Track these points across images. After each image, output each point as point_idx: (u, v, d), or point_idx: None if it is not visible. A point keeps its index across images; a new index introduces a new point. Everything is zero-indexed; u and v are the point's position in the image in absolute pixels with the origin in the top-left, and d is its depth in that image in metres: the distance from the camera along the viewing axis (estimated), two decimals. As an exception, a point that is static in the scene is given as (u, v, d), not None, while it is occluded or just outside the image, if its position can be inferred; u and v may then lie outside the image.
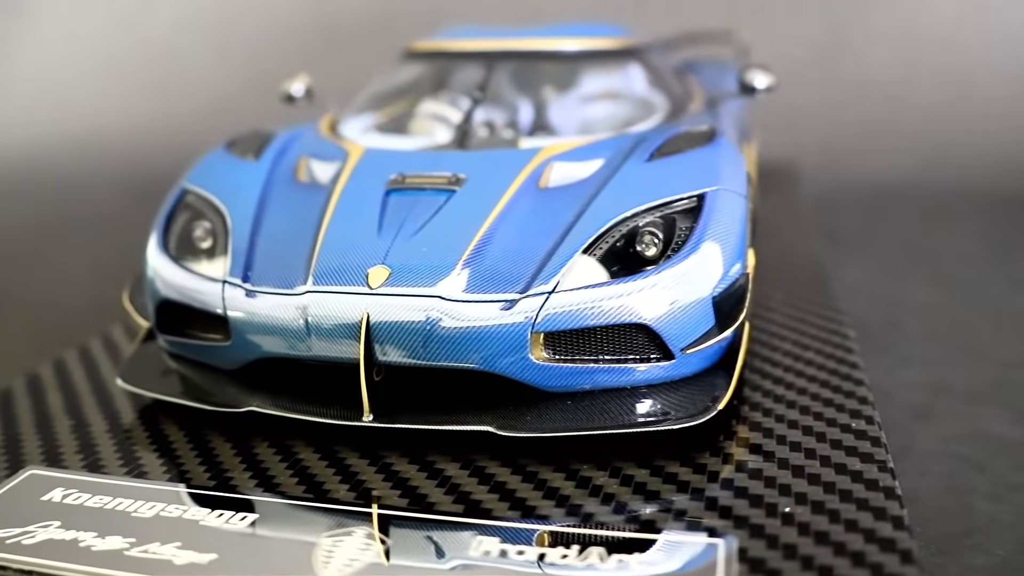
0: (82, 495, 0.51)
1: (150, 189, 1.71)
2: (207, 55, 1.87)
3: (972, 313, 0.86)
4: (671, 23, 1.86)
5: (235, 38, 1.86)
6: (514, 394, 0.55)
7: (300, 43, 1.81)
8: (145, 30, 1.91)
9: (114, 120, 1.84)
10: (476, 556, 0.44)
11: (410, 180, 0.64)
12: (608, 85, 0.81)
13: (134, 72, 1.91)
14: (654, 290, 0.53)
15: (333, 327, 0.54)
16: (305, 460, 0.54)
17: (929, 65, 1.49)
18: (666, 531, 0.45)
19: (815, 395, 0.59)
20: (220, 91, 1.81)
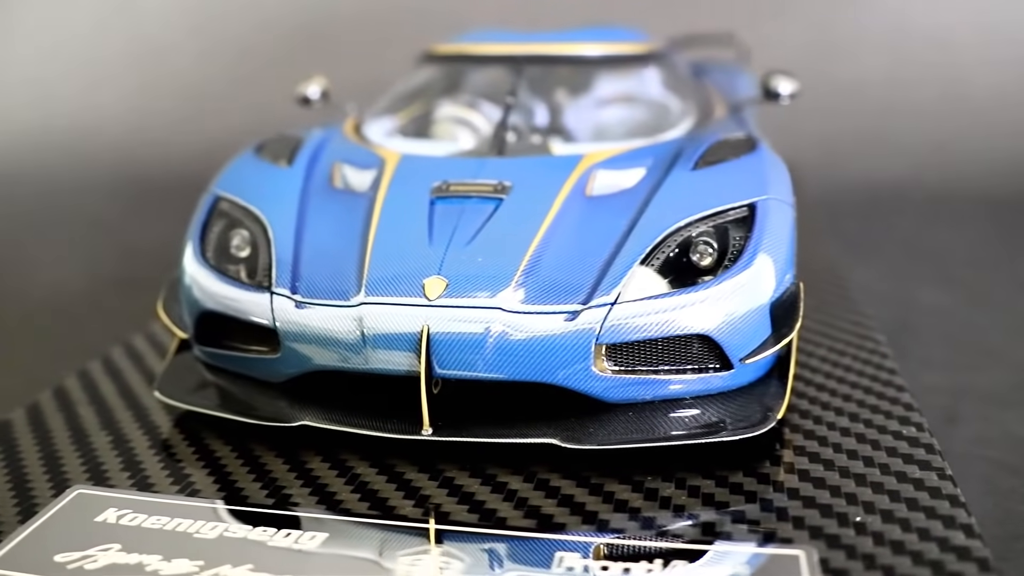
0: (137, 515, 0.50)
1: (140, 189, 1.67)
2: (194, 53, 1.82)
3: (983, 315, 0.88)
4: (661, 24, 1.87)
5: (222, 36, 1.82)
6: (572, 405, 0.55)
7: (288, 42, 1.78)
8: (131, 27, 1.86)
9: (99, 119, 1.78)
10: (560, 572, 0.44)
11: (455, 188, 0.63)
12: (635, 90, 0.81)
13: (120, 69, 1.85)
14: (715, 301, 0.53)
15: (391, 339, 0.53)
16: (363, 475, 0.53)
17: (922, 66, 1.53)
18: (746, 543, 0.46)
19: (860, 401, 0.60)
20: (207, 89, 1.77)
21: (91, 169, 1.63)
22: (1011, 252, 1.09)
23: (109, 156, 1.67)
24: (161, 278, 1.29)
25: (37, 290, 1.11)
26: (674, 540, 0.46)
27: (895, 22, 1.57)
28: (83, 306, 1.04)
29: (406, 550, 0.46)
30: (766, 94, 0.82)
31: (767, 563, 0.44)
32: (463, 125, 0.82)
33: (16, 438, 0.59)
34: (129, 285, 1.12)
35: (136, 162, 1.67)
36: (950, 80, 1.50)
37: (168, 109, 1.77)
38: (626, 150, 0.68)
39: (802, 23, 1.62)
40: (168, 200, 1.60)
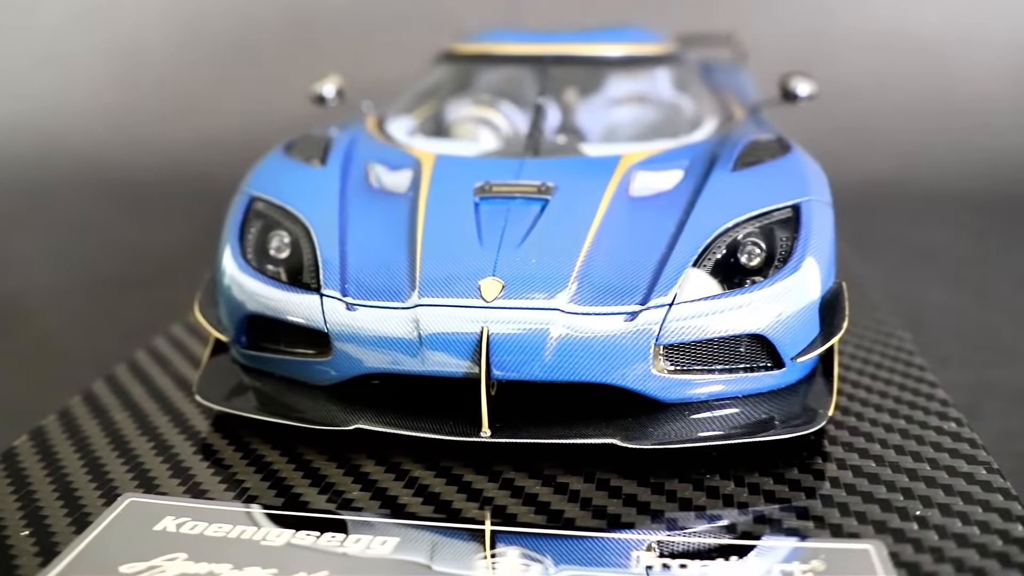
0: (197, 523, 0.49)
1: (126, 188, 1.64)
2: (175, 50, 1.78)
3: (989, 312, 0.91)
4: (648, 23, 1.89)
5: (204, 33, 1.78)
6: (623, 404, 0.55)
7: (273, 38, 1.75)
8: (108, 24, 1.81)
9: (79, 117, 1.73)
10: (640, 572, 0.44)
11: (498, 188, 0.63)
12: (659, 91, 0.82)
13: (98, 67, 1.80)
14: (769, 301, 0.54)
15: (449, 342, 0.53)
16: (422, 478, 0.53)
17: (907, 66, 1.56)
18: (816, 538, 0.46)
19: (897, 398, 0.62)
20: (190, 87, 1.73)
21: (73, 168, 1.59)
22: (1006, 249, 1.12)
23: (91, 155, 1.63)
24: (159, 278, 1.25)
25: (36, 293, 1.08)
26: (744, 537, 0.47)
27: (883, 23, 1.61)
28: (87, 308, 1.01)
29: (481, 553, 0.46)
30: (784, 95, 0.83)
31: (839, 558, 0.45)
32: (484, 125, 0.82)
33: (53, 445, 0.58)
34: (128, 286, 1.09)
35: (120, 161, 1.63)
36: (934, 80, 1.54)
37: (150, 107, 1.73)
38: (662, 151, 0.69)
39: (790, 24, 1.64)
40: (156, 199, 1.57)
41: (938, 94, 1.54)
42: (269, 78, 1.80)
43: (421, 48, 1.78)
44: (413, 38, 1.86)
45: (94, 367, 0.85)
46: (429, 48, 1.79)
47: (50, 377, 0.84)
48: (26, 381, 0.83)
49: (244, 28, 1.80)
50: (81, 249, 1.28)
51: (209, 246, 1.36)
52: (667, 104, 0.83)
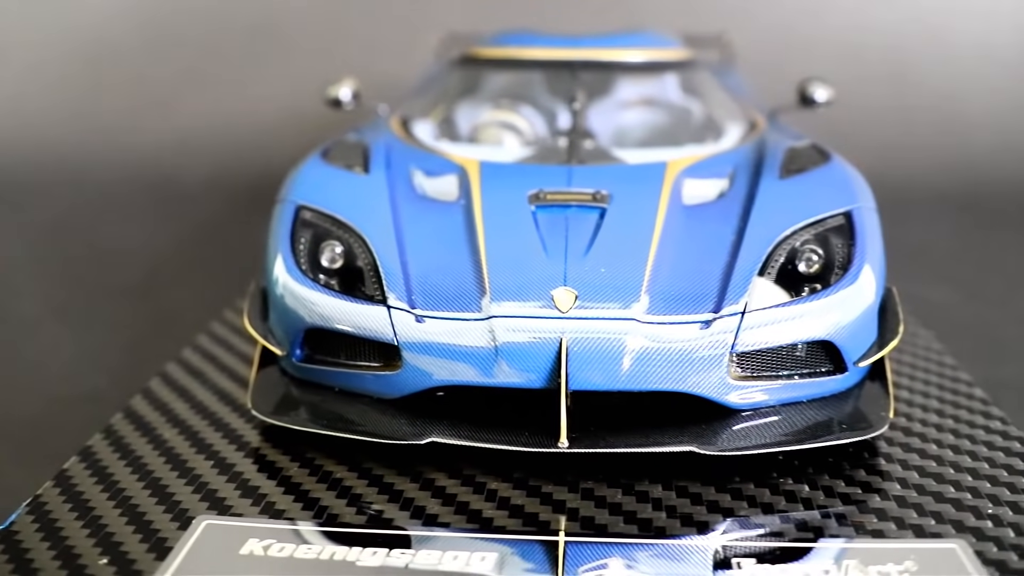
0: (284, 545, 0.47)
1: (90, 190, 1.57)
2: (145, 51, 1.71)
3: (986, 310, 0.95)
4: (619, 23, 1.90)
5: (174, 33, 1.72)
6: (688, 412, 0.56)
7: (245, 39, 1.70)
8: (71, 20, 1.73)
9: (49, 118, 1.65)
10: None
11: (552, 196, 0.63)
12: (686, 96, 0.83)
13: (64, 68, 1.71)
14: (834, 307, 0.56)
15: (526, 353, 0.53)
16: (501, 491, 0.52)
17: (875, 67, 1.61)
18: (902, 539, 0.48)
19: (939, 398, 0.64)
20: (160, 88, 1.67)
21: (38, 169, 1.52)
22: (990, 247, 1.17)
23: (55, 156, 1.56)
24: (150, 284, 1.21)
25: (25, 303, 1.02)
26: (832, 538, 0.48)
27: (851, 22, 1.65)
28: (84, 318, 0.97)
29: (586, 564, 0.46)
30: (802, 100, 0.85)
31: (929, 558, 0.46)
32: (508, 129, 0.81)
33: (107, 466, 0.55)
34: (121, 293, 1.04)
35: (85, 162, 1.56)
36: (901, 79, 1.59)
37: (115, 107, 1.66)
38: (703, 158, 0.70)
39: (760, 23, 1.67)
40: (128, 200, 1.51)
41: (907, 93, 1.59)
42: (239, 77, 1.75)
43: (394, 47, 1.77)
44: (386, 38, 1.84)
45: (109, 378, 0.83)
46: (402, 47, 1.78)
47: (63, 391, 0.80)
48: (37, 398, 0.79)
49: (213, 26, 1.74)
50: (60, 254, 1.22)
51: (194, 249, 1.34)
52: (703, 109, 0.84)
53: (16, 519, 0.50)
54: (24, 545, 0.48)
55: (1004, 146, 1.45)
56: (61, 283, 1.09)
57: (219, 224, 1.36)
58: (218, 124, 1.73)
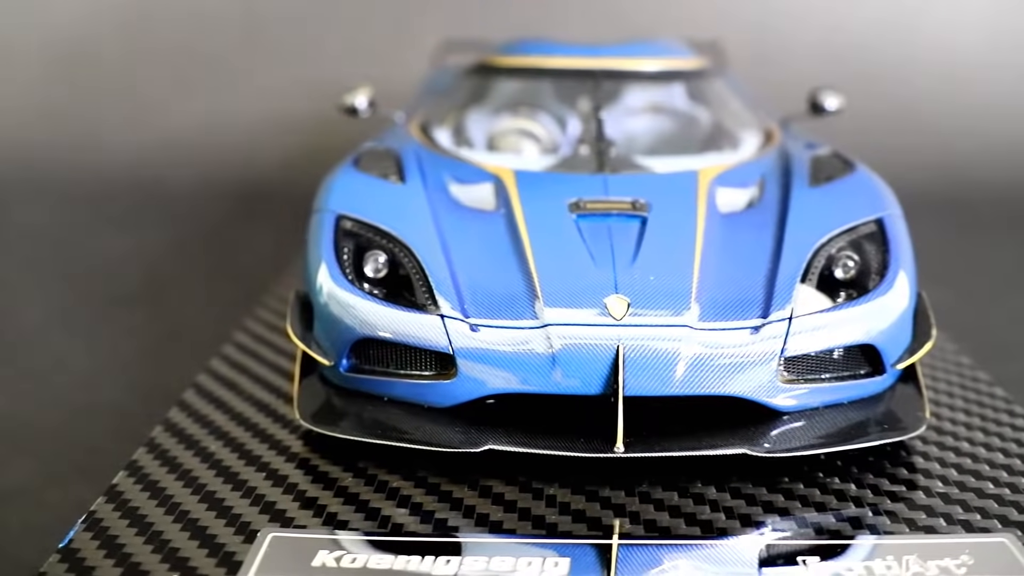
0: (356, 556, 0.47)
1: (74, 195, 1.53)
2: (123, 53, 1.68)
3: (983, 310, 0.98)
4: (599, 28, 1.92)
5: (154, 35, 1.69)
6: (737, 415, 0.57)
7: (225, 40, 1.68)
8: (48, 20, 1.68)
9: (25, 122, 1.61)
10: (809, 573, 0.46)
11: (591, 205, 0.63)
12: (703, 105, 0.84)
13: (40, 70, 1.67)
14: (876, 312, 0.58)
15: (583, 360, 0.53)
16: (560, 496, 0.53)
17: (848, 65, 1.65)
18: (950, 535, 0.50)
19: (963, 397, 0.67)
20: (141, 90, 1.63)
21: (18, 174, 1.48)
22: (976, 247, 1.20)
23: (35, 160, 1.52)
24: (149, 293, 1.19)
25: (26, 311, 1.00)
26: (888, 536, 0.50)
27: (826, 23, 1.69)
28: (88, 329, 0.95)
29: (641, 566, 0.47)
30: (813, 108, 0.87)
31: (981, 552, 0.48)
32: (527, 136, 0.82)
33: (157, 480, 0.54)
34: (120, 302, 1.03)
35: (66, 166, 1.53)
36: (877, 80, 1.64)
37: (95, 109, 1.62)
38: (731, 166, 0.71)
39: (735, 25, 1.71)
40: (112, 206, 1.48)
41: (883, 95, 1.64)
42: (222, 81, 1.72)
43: (380, 50, 1.76)
44: (371, 40, 1.83)
45: (127, 388, 0.82)
46: (387, 50, 1.78)
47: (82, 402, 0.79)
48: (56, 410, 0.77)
49: (194, 27, 1.72)
50: (54, 261, 1.19)
51: (191, 255, 1.32)
52: (707, 118, 0.85)
53: (74, 536, 0.49)
54: (88, 563, 0.47)
55: (984, 148, 1.50)
56: (61, 291, 1.07)
57: (213, 229, 1.34)
58: (201, 128, 1.71)
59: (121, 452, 0.69)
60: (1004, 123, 1.58)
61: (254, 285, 1.11)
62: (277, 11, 1.76)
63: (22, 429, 0.73)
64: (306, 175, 1.69)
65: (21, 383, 0.81)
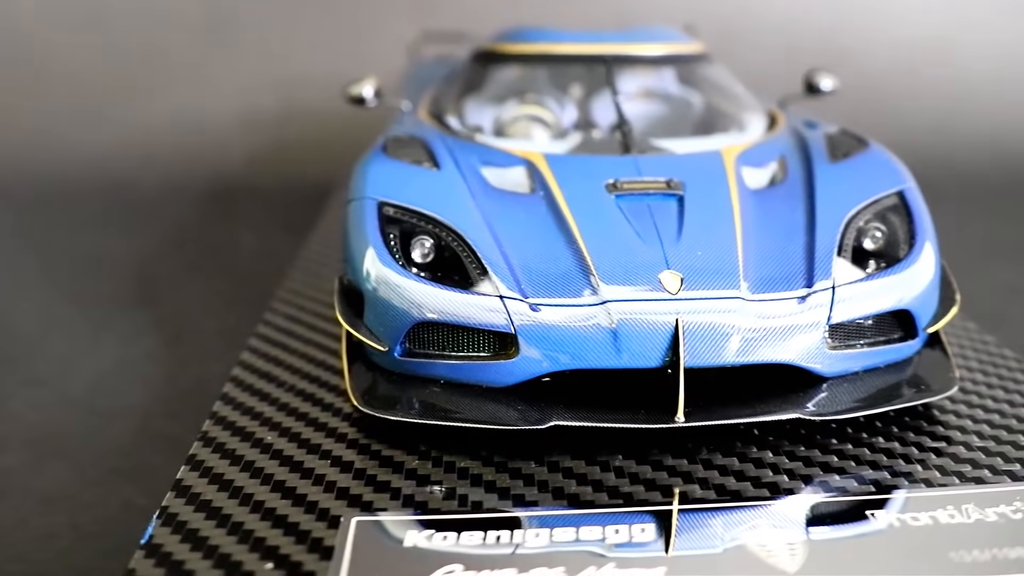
0: (446, 534, 0.47)
1: (39, 197, 1.47)
2: (80, 49, 1.62)
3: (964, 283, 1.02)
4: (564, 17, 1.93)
5: (118, 32, 1.63)
6: (784, 382, 0.59)
7: (192, 38, 1.64)
8: (6, 19, 1.61)
9: None
10: (879, 527, 0.48)
11: (627, 185, 0.65)
12: (709, 89, 0.86)
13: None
14: (910, 279, 0.60)
15: (643, 335, 0.55)
16: (627, 467, 0.54)
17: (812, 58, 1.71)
18: (999, 484, 0.53)
19: (978, 359, 0.70)
20: (106, 89, 1.58)
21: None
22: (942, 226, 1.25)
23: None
24: (140, 293, 1.16)
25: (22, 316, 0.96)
26: (943, 488, 0.52)
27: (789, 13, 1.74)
28: (92, 330, 0.92)
29: (737, 529, 0.48)
30: (808, 89, 0.90)
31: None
32: (536, 122, 0.83)
33: (222, 473, 0.53)
34: (123, 302, 1.00)
35: (26, 168, 1.47)
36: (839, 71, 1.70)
37: (55, 110, 1.56)
38: (750, 145, 0.73)
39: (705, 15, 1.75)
40: (78, 208, 1.43)
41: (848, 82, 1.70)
42: (182, 77, 1.68)
43: (342, 46, 1.74)
44: (334, 36, 1.81)
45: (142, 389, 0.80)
46: (352, 46, 1.76)
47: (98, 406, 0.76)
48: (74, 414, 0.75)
49: (155, 25, 1.67)
50: (39, 264, 1.15)
51: (175, 254, 1.28)
52: (729, 100, 0.87)
53: (153, 532, 0.48)
54: (175, 556, 0.46)
55: (942, 127, 1.57)
56: (50, 295, 1.03)
57: (190, 228, 1.31)
58: (163, 127, 1.67)
59: (151, 451, 0.68)
60: (961, 103, 1.67)
61: (248, 281, 1.10)
62: (236, 7, 1.73)
63: (48, 435, 0.71)
64: (275, 171, 1.67)
65: (35, 390, 0.78)
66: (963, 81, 1.67)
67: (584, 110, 0.86)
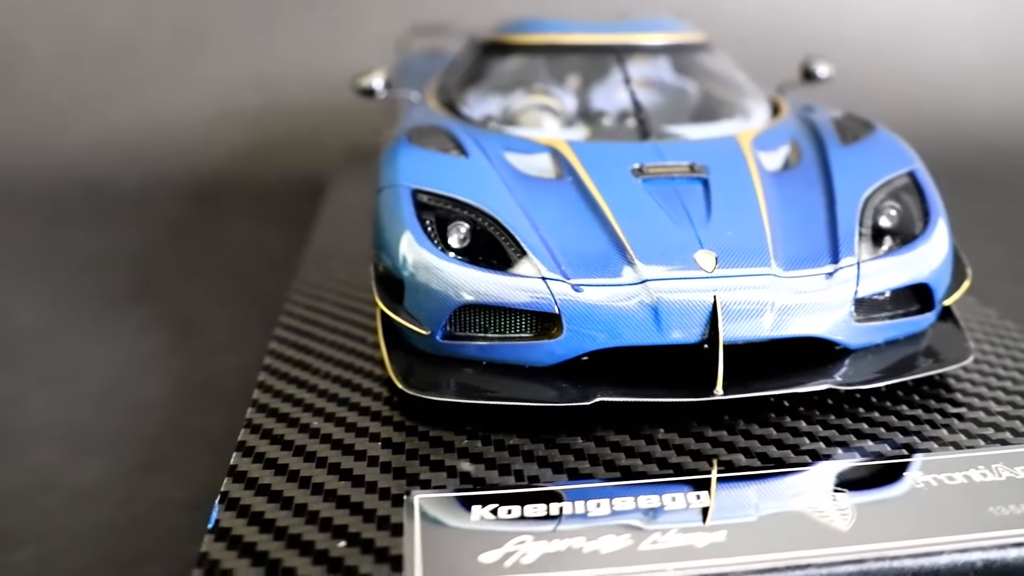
0: (510, 508, 0.49)
1: (24, 198, 1.44)
2: (60, 52, 1.58)
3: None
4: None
5: (88, 30, 1.60)
6: (806, 356, 0.61)
7: (169, 37, 1.61)
8: None
9: None
10: (919, 486, 0.51)
11: (653, 170, 0.66)
12: (715, 76, 0.88)
13: None
14: (927, 255, 0.63)
15: (684, 312, 0.57)
16: (670, 440, 0.56)
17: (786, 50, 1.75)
18: (1021, 445, 0.56)
19: (983, 331, 0.73)
20: (73, 87, 1.54)
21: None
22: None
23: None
24: (145, 292, 1.15)
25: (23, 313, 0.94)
26: (967, 450, 0.55)
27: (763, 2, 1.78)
28: (97, 327, 0.91)
29: (788, 494, 0.50)
30: (805, 75, 0.93)
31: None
32: (545, 111, 0.84)
33: (275, 458, 0.53)
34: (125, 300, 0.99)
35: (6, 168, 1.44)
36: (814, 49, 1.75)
37: (32, 109, 1.52)
38: (761, 130, 0.76)
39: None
40: (70, 207, 1.40)
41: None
42: (161, 75, 1.65)
43: (320, 40, 1.73)
44: (311, 31, 1.80)
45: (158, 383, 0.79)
46: (330, 40, 1.75)
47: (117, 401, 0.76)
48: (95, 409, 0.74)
49: (131, 24, 1.63)
50: (32, 263, 1.12)
51: (168, 251, 1.27)
52: (733, 87, 0.88)
53: (218, 516, 0.49)
54: (245, 539, 0.46)
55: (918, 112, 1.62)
56: (49, 294, 1.01)
57: (181, 225, 1.29)
58: (144, 126, 1.64)
59: (181, 444, 0.68)
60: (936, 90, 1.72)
61: (247, 275, 1.09)
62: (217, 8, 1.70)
63: (76, 430, 0.70)
64: (259, 167, 1.66)
65: (51, 387, 0.77)
66: (925, 64, 1.73)
67: (583, 99, 0.87)
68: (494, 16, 1.39)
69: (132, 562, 0.55)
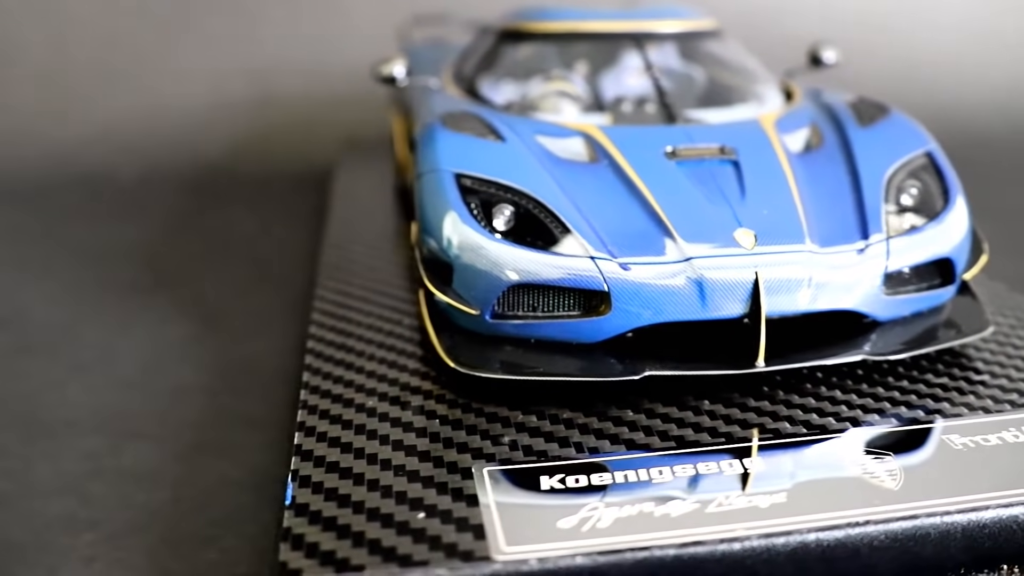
0: (578, 476, 0.50)
1: (21, 190, 1.41)
2: (47, 43, 1.55)
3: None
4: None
5: (77, 23, 1.57)
6: (837, 328, 0.64)
7: (159, 28, 1.59)
8: None
9: None
10: (959, 450, 0.54)
11: (685, 152, 0.68)
12: (729, 62, 0.90)
13: None
14: (951, 230, 0.66)
15: (727, 288, 0.59)
16: (717, 411, 0.58)
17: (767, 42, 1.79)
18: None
19: (995, 304, 0.76)
20: (69, 82, 1.52)
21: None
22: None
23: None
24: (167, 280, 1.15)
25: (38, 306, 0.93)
26: (996, 414, 0.58)
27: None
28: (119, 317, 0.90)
29: (836, 457, 0.53)
30: (812, 61, 0.96)
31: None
32: (566, 97, 0.86)
33: (337, 436, 0.55)
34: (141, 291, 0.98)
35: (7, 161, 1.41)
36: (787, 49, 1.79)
37: (24, 103, 1.50)
38: (782, 114, 0.78)
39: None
40: (67, 200, 1.38)
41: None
42: (152, 68, 1.63)
43: (313, 31, 1.72)
44: (304, 21, 1.79)
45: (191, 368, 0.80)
46: (321, 30, 1.74)
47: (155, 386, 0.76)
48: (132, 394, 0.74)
49: (128, 15, 1.61)
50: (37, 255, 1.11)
51: (175, 242, 1.27)
52: (756, 74, 0.91)
53: (294, 493, 0.50)
54: (324, 513, 0.48)
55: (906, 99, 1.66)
56: (67, 285, 1.00)
57: (186, 215, 1.29)
58: (138, 118, 1.62)
59: (226, 427, 0.69)
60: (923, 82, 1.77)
61: (262, 263, 1.09)
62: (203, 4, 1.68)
63: (116, 417, 0.70)
64: (258, 157, 1.65)
65: (84, 375, 0.77)
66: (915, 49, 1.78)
67: (603, 85, 0.89)
68: (491, 6, 1.40)
69: (207, 540, 0.56)
